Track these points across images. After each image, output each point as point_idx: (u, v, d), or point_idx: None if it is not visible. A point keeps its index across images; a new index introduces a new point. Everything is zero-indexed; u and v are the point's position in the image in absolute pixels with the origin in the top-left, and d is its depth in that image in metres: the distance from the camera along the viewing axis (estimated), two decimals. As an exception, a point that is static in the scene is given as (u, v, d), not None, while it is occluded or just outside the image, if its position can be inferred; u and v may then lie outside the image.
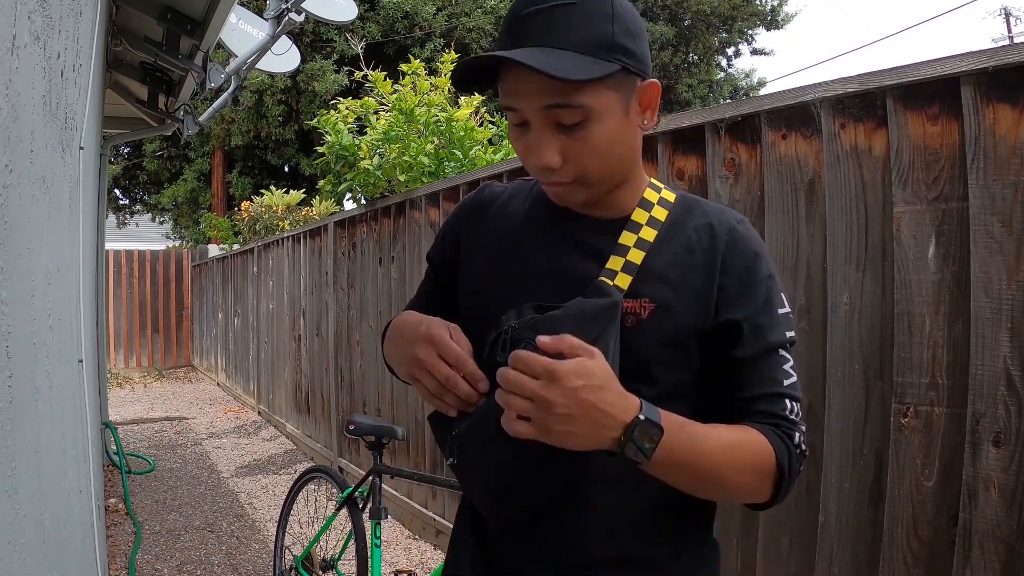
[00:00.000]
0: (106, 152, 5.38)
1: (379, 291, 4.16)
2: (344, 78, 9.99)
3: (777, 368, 0.87)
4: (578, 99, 0.82)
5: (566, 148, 0.84)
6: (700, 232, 0.90)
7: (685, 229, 0.91)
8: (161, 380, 9.94)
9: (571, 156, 0.85)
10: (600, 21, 0.81)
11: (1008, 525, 1.42)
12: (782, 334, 0.88)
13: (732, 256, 0.89)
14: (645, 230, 0.91)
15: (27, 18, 0.89)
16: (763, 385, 0.86)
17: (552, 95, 0.81)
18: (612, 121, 0.85)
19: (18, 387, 0.86)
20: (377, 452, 2.42)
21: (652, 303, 0.87)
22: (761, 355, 0.87)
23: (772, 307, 0.88)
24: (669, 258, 0.89)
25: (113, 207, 14.14)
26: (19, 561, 0.82)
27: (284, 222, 7.78)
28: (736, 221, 0.92)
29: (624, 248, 0.89)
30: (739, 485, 0.83)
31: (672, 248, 0.90)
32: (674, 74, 13.18)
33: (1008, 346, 1.43)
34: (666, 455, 0.77)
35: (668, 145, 2.14)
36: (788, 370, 0.87)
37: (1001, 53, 1.43)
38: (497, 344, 0.84)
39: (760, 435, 0.84)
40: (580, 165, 0.85)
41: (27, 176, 0.93)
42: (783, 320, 0.89)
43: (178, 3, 3.26)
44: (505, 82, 0.84)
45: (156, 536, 3.80)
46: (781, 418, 0.86)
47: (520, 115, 0.85)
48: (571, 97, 0.82)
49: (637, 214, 0.92)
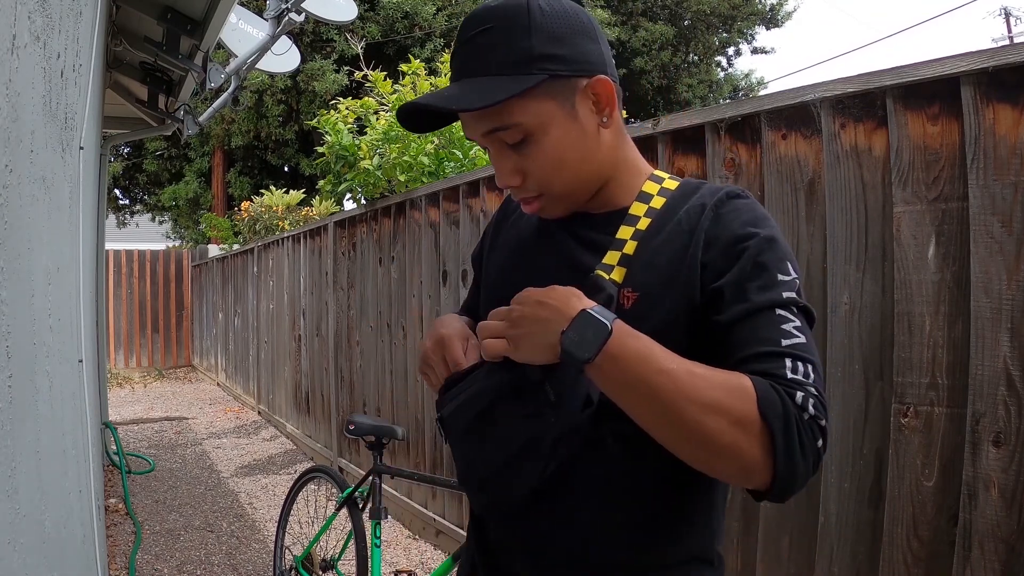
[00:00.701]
0: (106, 152, 5.38)
1: (379, 291, 4.16)
2: (344, 78, 9.99)
3: (773, 327, 0.76)
4: (510, 119, 0.84)
5: (521, 166, 0.86)
6: (690, 212, 0.86)
7: (677, 213, 0.88)
8: (161, 380, 9.94)
9: (528, 172, 0.87)
10: (518, 36, 0.82)
11: (1008, 525, 1.42)
12: (778, 294, 0.78)
13: (716, 229, 0.83)
14: (643, 222, 0.89)
15: (27, 18, 0.89)
16: (756, 344, 0.76)
17: (485, 121, 0.85)
18: (557, 130, 0.85)
19: (18, 387, 0.86)
20: (377, 452, 2.42)
21: (635, 292, 0.84)
22: (750, 314, 0.77)
23: (765, 268, 0.79)
24: (657, 244, 0.86)
25: (113, 207, 14.14)
26: (19, 561, 0.82)
27: (284, 222, 7.78)
28: (728, 195, 0.86)
29: (621, 242, 0.88)
30: (711, 432, 0.70)
31: (661, 234, 0.87)
32: (674, 74, 13.17)
33: (1008, 346, 1.43)
34: (613, 362, 0.73)
35: (668, 145, 2.14)
36: (791, 330, 0.76)
37: (1001, 53, 1.43)
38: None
39: (744, 378, 0.73)
40: (539, 179, 0.87)
41: (27, 176, 0.93)
42: (782, 283, 0.79)
43: (178, 3, 3.26)
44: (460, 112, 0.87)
45: (156, 536, 3.80)
46: (778, 376, 0.73)
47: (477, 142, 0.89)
48: (503, 119, 0.84)
49: (635, 207, 0.90)
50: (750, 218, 0.84)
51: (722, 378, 0.73)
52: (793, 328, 0.77)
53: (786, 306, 0.78)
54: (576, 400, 0.81)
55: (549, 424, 0.80)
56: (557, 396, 0.80)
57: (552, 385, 0.80)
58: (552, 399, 0.79)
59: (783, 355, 0.75)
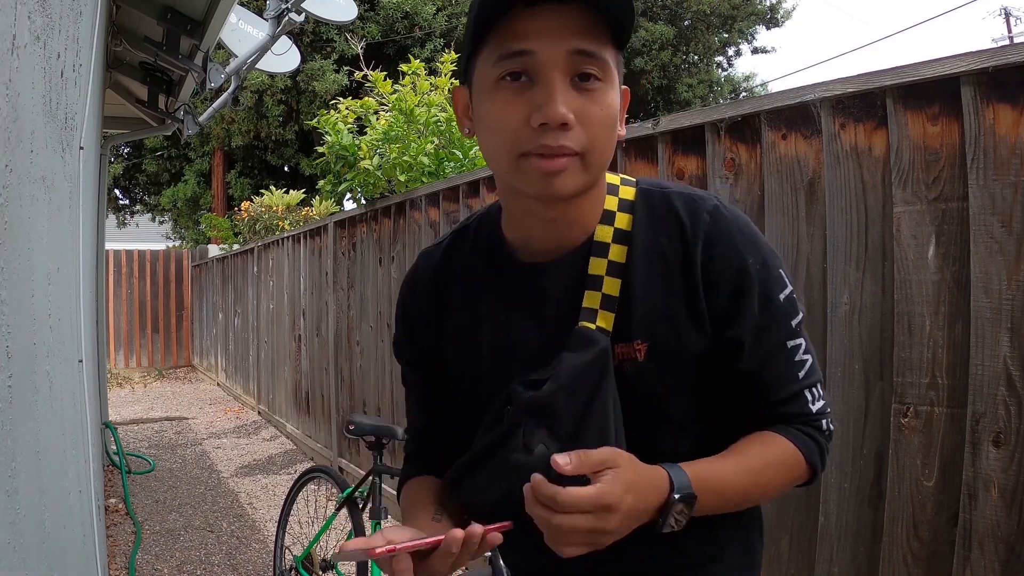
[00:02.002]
0: (106, 152, 5.38)
1: (379, 291, 4.16)
2: (344, 78, 9.99)
3: (789, 363, 0.82)
4: (603, 52, 0.74)
5: (579, 110, 0.73)
6: (672, 240, 0.81)
7: (654, 238, 0.82)
8: (161, 380, 9.94)
9: (583, 120, 0.74)
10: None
11: (1008, 525, 1.42)
12: (787, 325, 0.82)
13: (713, 267, 0.80)
14: (614, 249, 0.82)
15: (27, 18, 0.89)
16: (780, 387, 0.82)
17: (585, 38, 0.73)
18: (615, 94, 0.77)
19: (18, 387, 0.86)
20: (377, 452, 2.42)
21: (644, 342, 0.80)
22: (770, 357, 0.81)
23: (771, 302, 0.81)
24: (647, 284, 0.81)
25: (113, 207, 14.14)
26: (19, 561, 0.82)
27: (284, 222, 7.78)
28: (709, 212, 0.81)
29: (596, 279, 0.81)
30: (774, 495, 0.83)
31: (647, 270, 0.81)
32: (674, 74, 13.18)
33: (1008, 346, 1.43)
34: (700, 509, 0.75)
35: (668, 145, 2.14)
36: (801, 358, 0.82)
37: (1001, 53, 1.43)
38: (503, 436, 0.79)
39: (785, 442, 0.81)
40: (590, 131, 0.74)
41: (27, 176, 0.93)
42: (787, 307, 0.82)
43: (178, 3, 3.26)
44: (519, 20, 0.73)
45: (156, 536, 3.80)
46: (804, 415, 0.82)
47: (530, 62, 0.73)
48: (600, 45, 0.74)
49: (600, 232, 0.83)
50: (741, 240, 0.81)
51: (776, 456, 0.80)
52: (803, 353, 0.82)
53: (793, 334, 0.82)
54: None
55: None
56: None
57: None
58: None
59: (802, 390, 0.82)
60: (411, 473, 0.98)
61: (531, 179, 0.76)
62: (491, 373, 0.86)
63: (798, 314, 0.83)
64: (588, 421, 0.78)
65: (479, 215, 0.95)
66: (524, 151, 0.74)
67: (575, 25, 0.72)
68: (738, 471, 0.79)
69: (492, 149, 0.78)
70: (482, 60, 0.77)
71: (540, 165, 0.74)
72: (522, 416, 0.78)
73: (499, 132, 0.76)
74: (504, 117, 0.75)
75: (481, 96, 0.78)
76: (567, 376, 0.78)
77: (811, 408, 0.82)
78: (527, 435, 0.77)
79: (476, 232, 0.93)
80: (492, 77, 0.75)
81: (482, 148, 0.81)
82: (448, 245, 0.95)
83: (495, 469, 0.79)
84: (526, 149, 0.74)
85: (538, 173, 0.75)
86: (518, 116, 0.74)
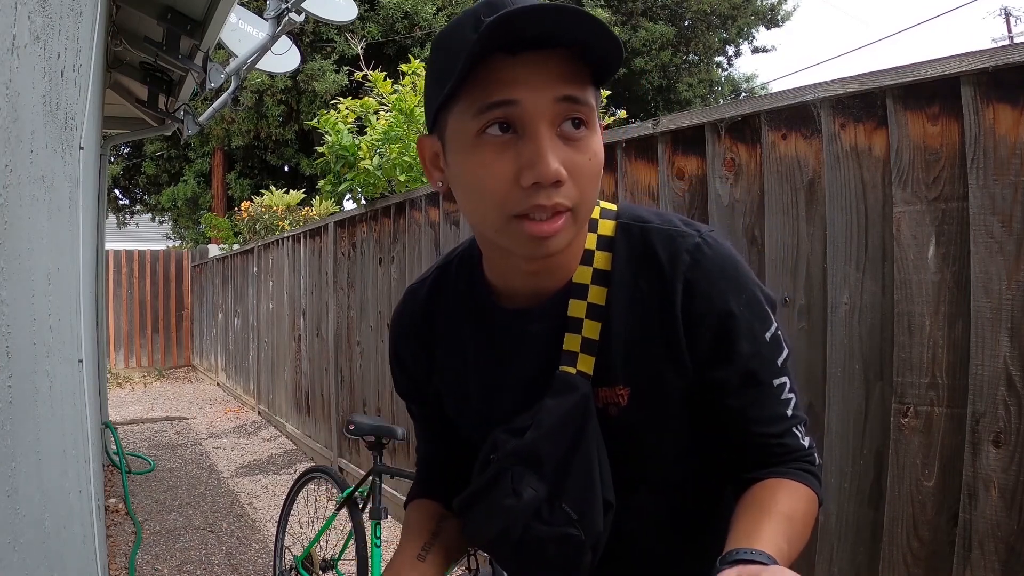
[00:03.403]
0: (106, 152, 5.38)
1: (379, 291, 4.16)
2: (344, 78, 9.98)
3: (777, 401, 0.80)
4: (588, 96, 0.70)
5: (568, 163, 0.69)
6: (650, 280, 0.79)
7: (635, 280, 0.79)
8: (161, 380, 9.94)
9: (573, 174, 0.69)
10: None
11: (1008, 525, 1.42)
12: (773, 363, 0.79)
13: (693, 306, 0.77)
14: (593, 291, 0.80)
15: (27, 18, 0.89)
16: (770, 424, 0.80)
17: (570, 83, 0.68)
18: (600, 139, 0.73)
19: (18, 387, 0.86)
20: (377, 452, 2.42)
21: (627, 387, 0.80)
22: (757, 397, 0.79)
23: (756, 341, 0.78)
24: (627, 326, 0.79)
25: (113, 207, 14.14)
26: (19, 561, 0.82)
27: (284, 222, 7.78)
28: (691, 253, 0.78)
29: (576, 322, 0.80)
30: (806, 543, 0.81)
31: (627, 313, 0.79)
32: (674, 74, 13.17)
33: (1008, 346, 1.43)
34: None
35: (668, 145, 2.14)
36: (787, 396, 0.80)
37: (1001, 53, 1.43)
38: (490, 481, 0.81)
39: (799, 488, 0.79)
40: (580, 186, 0.70)
41: (27, 176, 0.93)
42: (772, 346, 0.80)
43: (178, 3, 3.26)
44: (499, 69, 0.68)
45: (156, 536, 3.80)
46: (798, 450, 0.81)
47: (515, 112, 0.68)
48: (584, 91, 0.69)
49: (580, 274, 0.80)
50: (723, 282, 0.78)
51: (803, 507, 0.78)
52: (788, 392, 0.81)
53: (780, 373, 0.80)
54: (596, 511, 0.79)
55: (581, 541, 0.79)
56: (578, 513, 0.78)
57: (569, 504, 0.78)
58: (574, 517, 0.78)
59: (791, 428, 0.81)
60: (416, 494, 1.01)
61: (522, 241, 0.71)
62: (480, 414, 0.88)
63: (783, 351, 0.81)
64: (573, 466, 0.79)
65: (459, 254, 0.92)
66: (516, 213, 0.70)
67: (560, 71, 0.68)
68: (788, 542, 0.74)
69: (477, 210, 0.74)
70: (458, 111, 0.71)
71: (534, 229, 0.70)
72: (508, 463, 0.79)
73: (485, 193, 0.71)
74: (490, 176, 0.70)
75: (459, 150, 0.72)
76: (548, 422, 0.78)
77: (803, 444, 0.81)
78: (515, 480, 0.78)
79: (457, 272, 0.91)
80: (472, 130, 0.70)
81: (463, 206, 0.77)
82: (431, 284, 0.93)
83: (489, 510, 0.81)
84: (518, 211, 0.70)
85: (531, 236, 0.70)
86: (505, 175, 0.69)
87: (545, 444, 0.78)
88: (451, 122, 0.73)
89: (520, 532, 0.78)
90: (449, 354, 0.90)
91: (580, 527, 0.78)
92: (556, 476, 0.79)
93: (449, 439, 0.97)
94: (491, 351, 0.86)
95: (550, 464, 0.78)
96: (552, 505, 0.78)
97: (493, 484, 0.80)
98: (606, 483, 0.79)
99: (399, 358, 0.96)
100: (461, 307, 0.89)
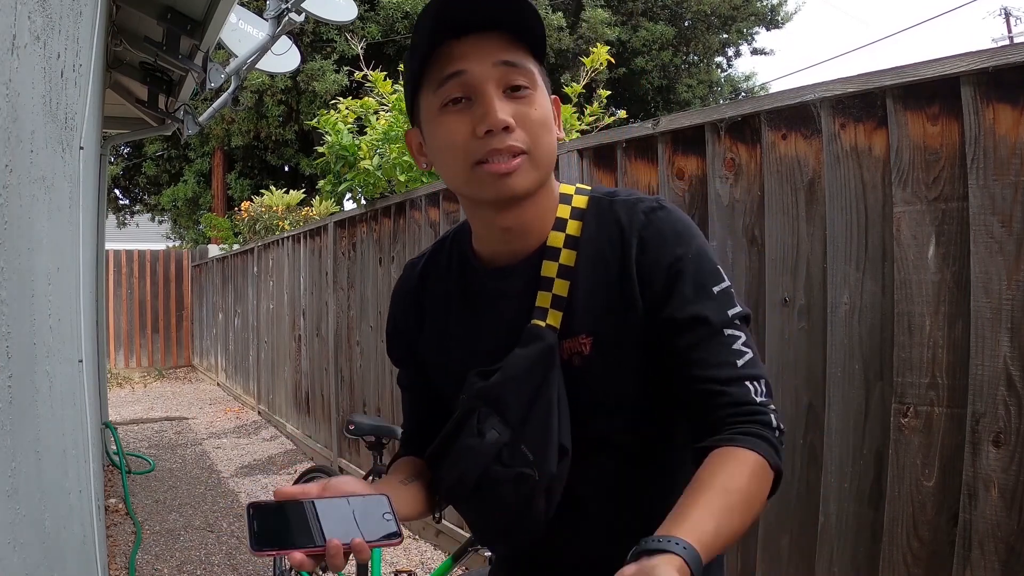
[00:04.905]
0: (106, 152, 5.38)
1: (379, 291, 4.16)
2: (344, 78, 9.98)
3: (727, 349, 0.82)
4: (527, 63, 0.84)
5: (516, 114, 0.83)
6: (612, 241, 0.88)
7: (599, 242, 0.88)
8: (161, 380, 9.94)
9: (522, 122, 0.83)
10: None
11: (1008, 525, 1.42)
12: (722, 313, 0.83)
13: (646, 258, 0.85)
14: (564, 254, 0.88)
15: (27, 18, 0.89)
16: (719, 368, 0.82)
17: (508, 52, 0.83)
18: (544, 98, 0.86)
19: (18, 387, 0.86)
20: (377, 452, 2.42)
21: (589, 336, 0.86)
22: (706, 340, 0.82)
23: (704, 288, 0.84)
24: (591, 283, 0.87)
25: (113, 207, 14.13)
26: (19, 561, 0.82)
27: (284, 222, 7.78)
28: (645, 212, 0.87)
29: (548, 281, 0.88)
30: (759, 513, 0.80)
31: (592, 271, 0.88)
32: (674, 74, 13.17)
33: (1008, 346, 1.43)
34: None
35: (668, 145, 2.14)
36: (740, 348, 0.83)
37: (1001, 53, 1.43)
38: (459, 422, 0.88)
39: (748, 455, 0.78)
40: (531, 132, 0.83)
41: (27, 176, 0.93)
42: (722, 298, 0.84)
43: (178, 3, 3.26)
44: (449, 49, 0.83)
45: (156, 536, 3.80)
46: (748, 403, 0.81)
47: (466, 80, 0.82)
48: (522, 59, 0.84)
49: (552, 238, 0.90)
50: (673, 236, 0.86)
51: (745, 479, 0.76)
52: (742, 345, 0.83)
53: (731, 324, 0.84)
54: (551, 454, 0.85)
55: (535, 481, 0.84)
56: (535, 455, 0.84)
57: (528, 446, 0.84)
58: (531, 458, 0.84)
59: (743, 379, 0.82)
60: (399, 456, 1.06)
61: (487, 184, 0.83)
62: (460, 365, 0.93)
63: (736, 307, 0.85)
64: (534, 411, 0.85)
65: (456, 228, 1.03)
66: (476, 160, 0.83)
67: (498, 44, 0.83)
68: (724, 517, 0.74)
69: (448, 167, 0.87)
70: (425, 94, 0.86)
71: (493, 169, 0.82)
72: (475, 403, 0.87)
73: (450, 149, 0.84)
74: (453, 136, 0.84)
75: (430, 126, 0.87)
76: (514, 368, 0.85)
77: (754, 398, 0.81)
78: (480, 421, 0.86)
79: (452, 245, 1.01)
80: (436, 105, 0.85)
81: (440, 171, 0.90)
82: (428, 256, 1.04)
83: (455, 455, 0.88)
84: (478, 158, 0.83)
85: (493, 176, 0.82)
86: (465, 131, 0.83)
87: (510, 387, 0.85)
88: (423, 106, 0.88)
89: (478, 474, 0.85)
90: (435, 318, 0.99)
91: (535, 468, 0.84)
92: (518, 420, 0.85)
93: (434, 410, 1.01)
94: (471, 307, 0.95)
95: (515, 411, 0.85)
96: (513, 449, 0.85)
97: (460, 426, 0.88)
98: (563, 429, 0.85)
99: (394, 322, 1.05)
100: (451, 274, 0.99)
